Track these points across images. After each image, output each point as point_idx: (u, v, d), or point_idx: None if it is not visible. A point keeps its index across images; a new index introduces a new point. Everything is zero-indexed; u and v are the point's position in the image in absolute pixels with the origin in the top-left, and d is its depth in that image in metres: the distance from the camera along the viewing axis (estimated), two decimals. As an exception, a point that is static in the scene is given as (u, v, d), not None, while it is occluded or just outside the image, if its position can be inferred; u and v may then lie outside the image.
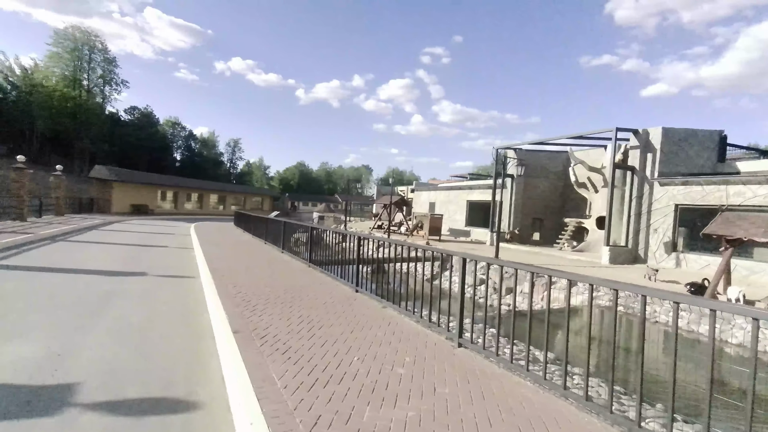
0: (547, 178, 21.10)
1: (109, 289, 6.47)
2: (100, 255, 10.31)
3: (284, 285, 6.98)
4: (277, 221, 13.44)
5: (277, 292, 6.35)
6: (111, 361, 3.68)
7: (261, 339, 4.08)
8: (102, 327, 4.60)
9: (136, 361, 3.75)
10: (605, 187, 18.00)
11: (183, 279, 7.87)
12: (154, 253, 11.41)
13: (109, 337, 4.28)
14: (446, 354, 4.03)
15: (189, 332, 4.68)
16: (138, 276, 7.74)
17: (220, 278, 7.22)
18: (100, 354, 3.82)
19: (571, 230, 18.60)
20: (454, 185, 27.09)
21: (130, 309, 5.43)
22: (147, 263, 9.37)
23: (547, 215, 21.36)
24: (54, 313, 5.04)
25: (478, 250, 16.72)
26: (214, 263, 8.94)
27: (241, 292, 6.23)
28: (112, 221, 22.11)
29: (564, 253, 16.71)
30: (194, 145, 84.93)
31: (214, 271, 7.95)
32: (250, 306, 5.40)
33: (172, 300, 6.13)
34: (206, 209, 42.28)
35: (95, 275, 7.54)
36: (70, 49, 53.53)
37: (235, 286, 6.65)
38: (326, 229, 8.86)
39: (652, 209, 13.71)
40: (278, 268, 8.90)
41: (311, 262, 9.18)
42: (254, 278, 7.45)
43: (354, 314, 5.34)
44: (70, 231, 15.24)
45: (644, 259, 13.95)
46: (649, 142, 13.90)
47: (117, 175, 31.07)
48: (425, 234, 20.19)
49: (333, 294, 6.53)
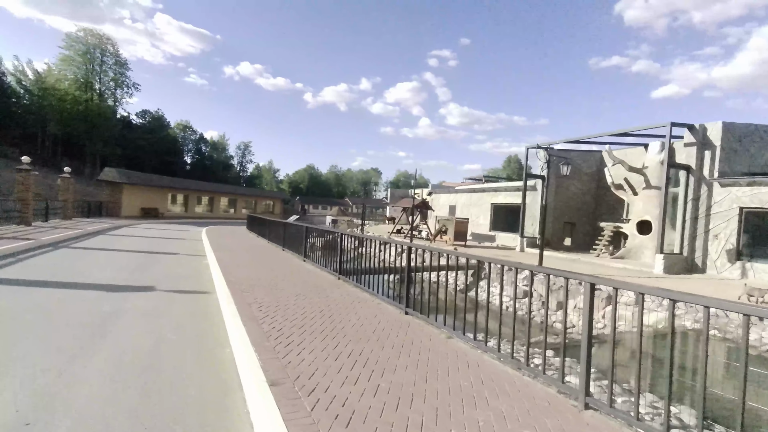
0: (579, 179, 19.75)
1: (110, 309, 5.37)
2: (105, 264, 9.27)
3: (318, 304, 5.83)
4: (297, 226, 12.35)
5: (312, 315, 5.20)
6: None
7: (310, 396, 2.92)
8: (94, 369, 3.48)
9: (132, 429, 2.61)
10: (646, 188, 16.63)
11: (196, 295, 6.77)
12: (164, 261, 10.37)
13: (100, 387, 3.16)
14: (574, 423, 2.82)
15: (207, 377, 3.54)
16: (144, 291, 6.65)
17: (239, 294, 6.10)
18: (84, 419, 2.69)
19: (608, 236, 17.22)
20: (476, 187, 25.81)
21: (131, 341, 4.31)
22: (155, 274, 8.30)
23: (579, 219, 20.00)
24: (39, 346, 3.94)
25: (514, 256, 15.45)
26: (230, 274, 7.84)
27: (268, 315, 5.10)
28: (121, 225, 21.25)
29: (604, 260, 15.36)
30: (204, 149, 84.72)
31: (232, 284, 6.84)
32: (283, 336, 4.26)
33: (185, 325, 5.01)
34: (217, 213, 41.50)
35: (96, 290, 6.46)
36: (81, 52, 53.42)
37: (259, 306, 5.52)
38: (364, 237, 7.68)
39: (711, 213, 12.34)
40: (304, 280, 7.76)
41: (341, 273, 8.04)
42: (279, 294, 6.32)
43: (417, 349, 4.16)
44: (76, 236, 14.30)
45: (701, 268, 12.57)
46: (706, 138, 12.54)
47: (127, 178, 30.35)
48: (450, 239, 18.96)
49: (379, 317, 5.36)
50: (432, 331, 4.85)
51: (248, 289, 6.60)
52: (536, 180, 19.23)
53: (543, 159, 18.91)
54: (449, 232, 19.50)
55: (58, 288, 6.52)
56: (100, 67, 55.96)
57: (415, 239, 20.63)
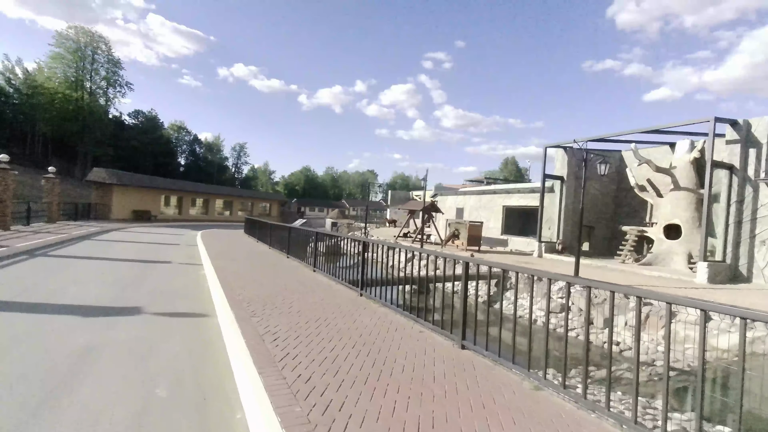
0: (599, 180, 18.70)
1: (83, 345, 4.17)
2: (86, 277, 8.02)
3: (347, 333, 4.65)
4: (304, 231, 11.16)
5: (344, 351, 4.03)
6: None
7: None
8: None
9: None
10: (674, 190, 15.62)
11: (194, 320, 5.57)
12: (155, 272, 9.13)
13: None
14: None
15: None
16: (130, 316, 5.44)
17: (247, 320, 4.91)
18: None
19: (633, 240, 16.18)
20: (487, 189, 24.70)
21: (105, 403, 3.11)
22: (144, 290, 7.07)
23: (597, 223, 18.94)
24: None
25: (534, 263, 14.34)
26: (232, 289, 6.65)
27: (288, 353, 3.91)
28: (110, 229, 19.90)
29: (632, 267, 14.29)
30: (199, 150, 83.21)
31: (236, 304, 5.65)
32: (316, 392, 3.08)
33: (180, 370, 3.82)
34: (212, 215, 40.07)
35: (71, 315, 5.24)
36: (72, 49, 51.88)
37: (273, 337, 4.34)
38: (394, 246, 6.49)
39: (757, 216, 11.30)
40: (320, 297, 6.58)
41: (363, 287, 6.86)
42: (296, 319, 5.13)
43: (503, 409, 2.99)
44: (57, 242, 12.99)
45: (746, 277, 11.53)
46: (751, 135, 11.51)
47: (117, 179, 28.88)
48: (463, 244, 17.82)
49: (429, 352, 4.19)
50: (505, 377, 3.69)
51: (256, 311, 5.41)
52: (554, 181, 18.16)
53: (563, 158, 17.84)
54: (461, 236, 18.36)
55: (22, 313, 5.29)
56: (91, 65, 54.39)
57: (424, 244, 19.47)
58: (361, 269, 6.95)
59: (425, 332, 4.93)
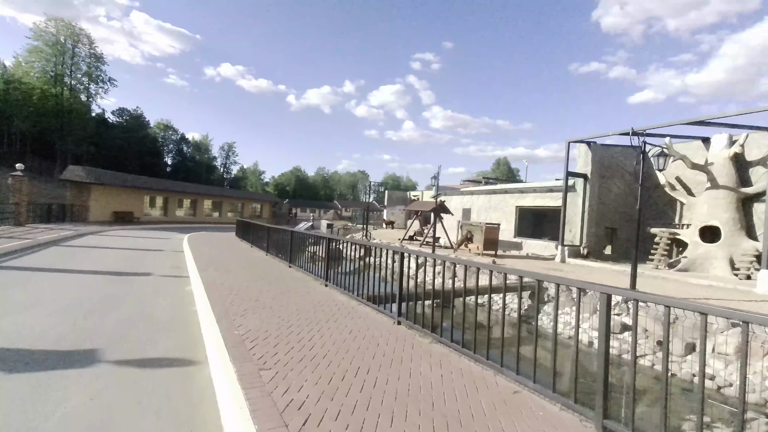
0: (622, 178, 17.41)
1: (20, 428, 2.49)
2: (37, 298, 6.26)
3: (417, 402, 3.04)
4: (311, 236, 9.53)
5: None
6: None
7: None
8: None
9: None
10: (711, 188, 14.34)
11: (178, 372, 3.88)
12: (130, 289, 7.39)
13: None
14: None
15: None
16: (82, 368, 3.75)
17: (254, 377, 3.26)
18: None
19: (665, 244, 14.86)
20: (497, 188, 23.24)
21: None
22: (111, 319, 5.35)
23: (620, 224, 17.63)
24: None
25: (558, 269, 12.88)
26: (228, 315, 4.99)
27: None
28: (85, 233, 17.92)
29: (672, 274, 12.95)
30: (186, 149, 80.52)
31: (235, 344, 4.00)
32: None
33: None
34: (200, 217, 37.98)
35: (3, 373, 3.54)
36: (51, 42, 49.08)
37: (303, 417, 2.71)
38: (447, 259, 4.83)
39: (823, 218, 10.02)
40: (349, 330, 4.95)
41: (400, 311, 5.26)
42: (327, 372, 3.50)
43: None
44: (17, 250, 11.10)
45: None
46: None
47: (96, 177, 26.69)
48: (478, 248, 16.32)
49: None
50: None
51: (266, 357, 3.77)
52: (575, 179, 16.78)
53: (586, 154, 16.42)
54: (475, 239, 16.87)
55: None
56: (71, 59, 51.62)
57: (424, 247, 17.93)
58: (399, 287, 5.34)
59: (522, 394, 3.34)
